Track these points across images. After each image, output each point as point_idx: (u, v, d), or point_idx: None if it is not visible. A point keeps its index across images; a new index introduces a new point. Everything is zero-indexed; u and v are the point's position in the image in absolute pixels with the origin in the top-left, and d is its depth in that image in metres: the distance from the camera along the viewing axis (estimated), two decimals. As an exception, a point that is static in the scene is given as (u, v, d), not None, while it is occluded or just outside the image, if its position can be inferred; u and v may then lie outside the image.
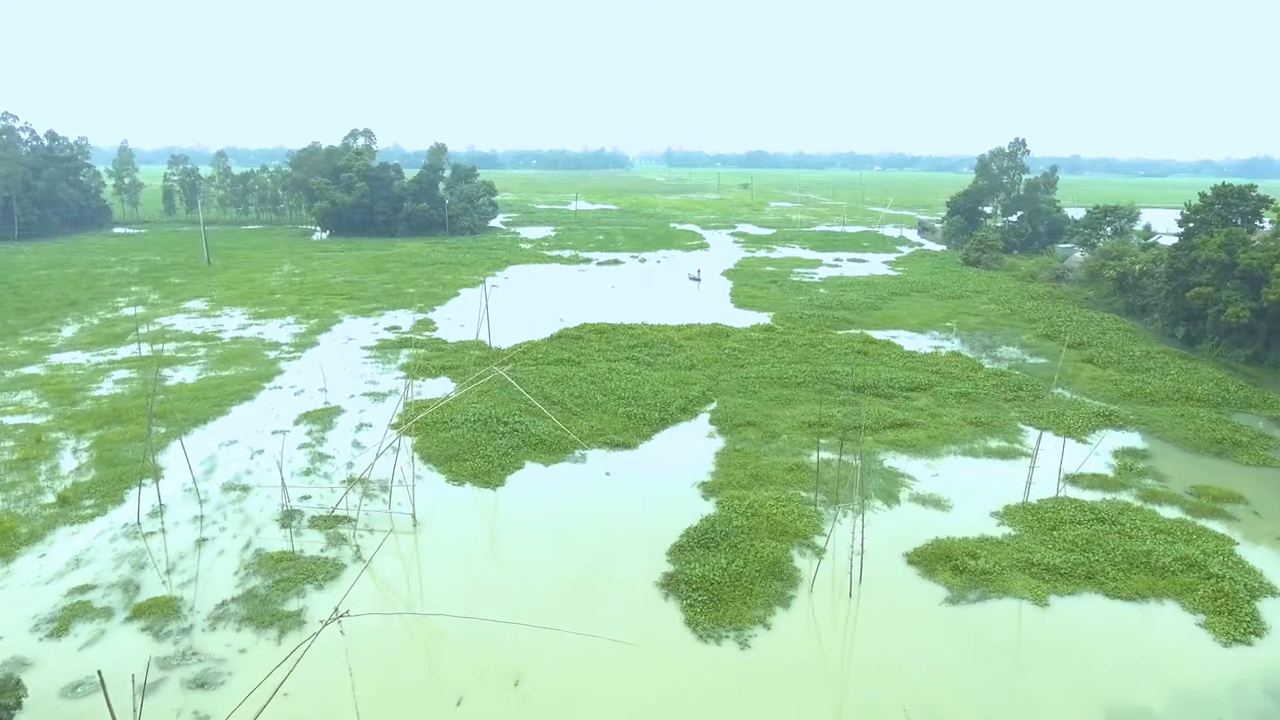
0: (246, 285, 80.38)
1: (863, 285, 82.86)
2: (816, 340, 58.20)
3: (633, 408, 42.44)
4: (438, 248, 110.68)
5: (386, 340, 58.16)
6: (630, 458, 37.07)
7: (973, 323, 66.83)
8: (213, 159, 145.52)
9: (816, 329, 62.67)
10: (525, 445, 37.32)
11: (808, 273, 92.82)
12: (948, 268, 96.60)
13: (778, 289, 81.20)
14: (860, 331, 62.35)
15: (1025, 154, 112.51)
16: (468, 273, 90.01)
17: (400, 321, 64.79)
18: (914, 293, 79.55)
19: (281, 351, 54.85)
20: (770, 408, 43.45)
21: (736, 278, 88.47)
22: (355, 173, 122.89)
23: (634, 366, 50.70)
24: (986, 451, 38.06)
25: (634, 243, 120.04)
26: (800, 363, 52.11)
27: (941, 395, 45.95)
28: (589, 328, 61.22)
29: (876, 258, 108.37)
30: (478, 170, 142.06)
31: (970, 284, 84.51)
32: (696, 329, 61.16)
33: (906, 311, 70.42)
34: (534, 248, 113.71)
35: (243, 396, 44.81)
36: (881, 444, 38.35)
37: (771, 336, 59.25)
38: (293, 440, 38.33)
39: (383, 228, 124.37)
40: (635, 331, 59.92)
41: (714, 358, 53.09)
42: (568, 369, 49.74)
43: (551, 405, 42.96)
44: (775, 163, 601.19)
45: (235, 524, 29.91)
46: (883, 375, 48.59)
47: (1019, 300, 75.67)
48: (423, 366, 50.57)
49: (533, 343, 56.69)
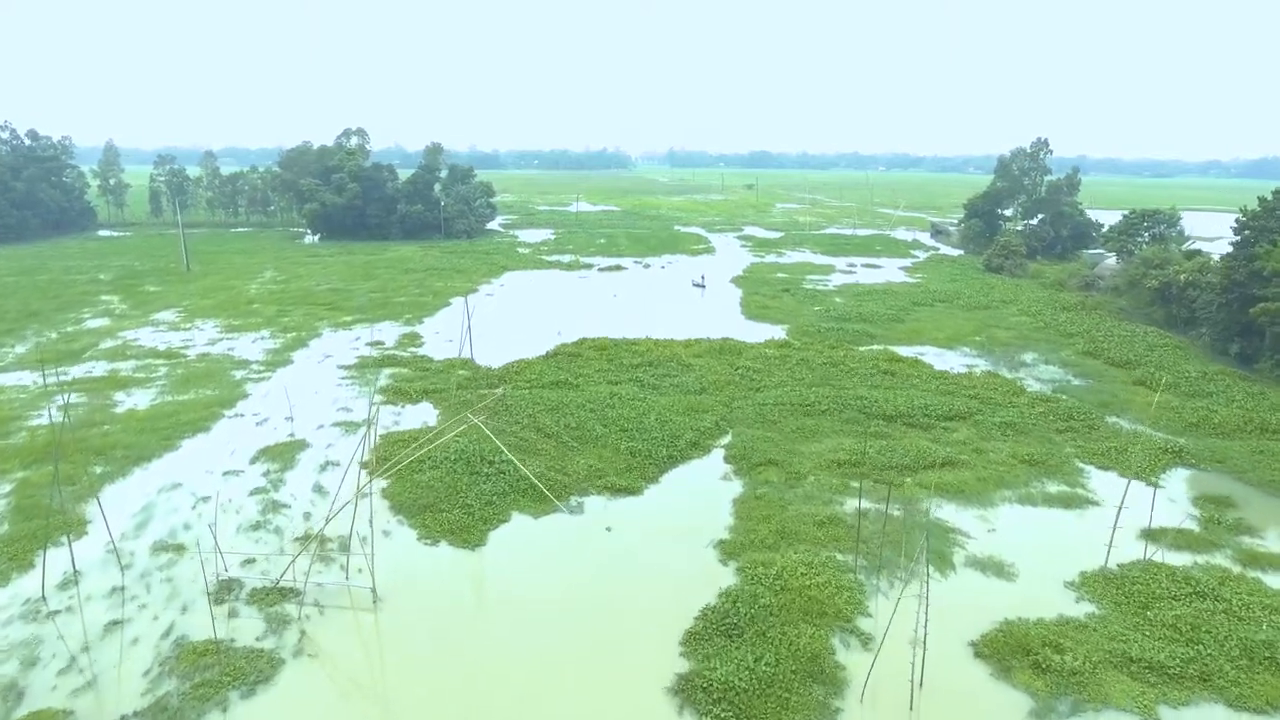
0: (224, 294, 75.41)
1: (881, 294, 77.73)
2: (837, 358, 53.10)
3: (637, 442, 37.37)
4: (431, 252, 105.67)
5: (367, 358, 53.12)
6: (634, 506, 32.00)
7: (1004, 337, 61.67)
8: (201, 159, 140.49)
9: (836, 344, 57.57)
10: (513, 491, 32.27)
11: (821, 280, 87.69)
12: (969, 275, 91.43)
13: (791, 298, 76.08)
14: (884, 347, 57.23)
15: (1048, 154, 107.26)
16: (461, 280, 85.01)
17: (384, 335, 59.75)
18: (936, 303, 74.40)
19: (250, 371, 49.83)
20: (792, 441, 38.36)
21: (746, 285, 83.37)
22: (347, 173, 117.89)
23: (638, 390, 45.63)
24: (1046, 498, 32.93)
25: (637, 246, 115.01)
26: (821, 385, 47.02)
27: (984, 425, 40.83)
28: (589, 344, 56.18)
29: (892, 263, 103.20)
30: (475, 171, 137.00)
31: (996, 293, 79.35)
32: (706, 345, 56.09)
33: (931, 324, 65.27)
34: (532, 252, 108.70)
35: (197, 427, 39.76)
36: (923, 488, 33.24)
37: (788, 354, 54.15)
38: (245, 483, 33.30)
39: (375, 231, 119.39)
40: (639, 348, 54.87)
41: (726, 379, 48.02)
42: (564, 393, 44.67)
43: (545, 439, 37.91)
44: (779, 163, 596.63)
45: (160, 598, 24.86)
46: (915, 401, 43.48)
47: (1050, 311, 70.49)
48: (402, 390, 45.52)
49: (526, 362, 51.64)
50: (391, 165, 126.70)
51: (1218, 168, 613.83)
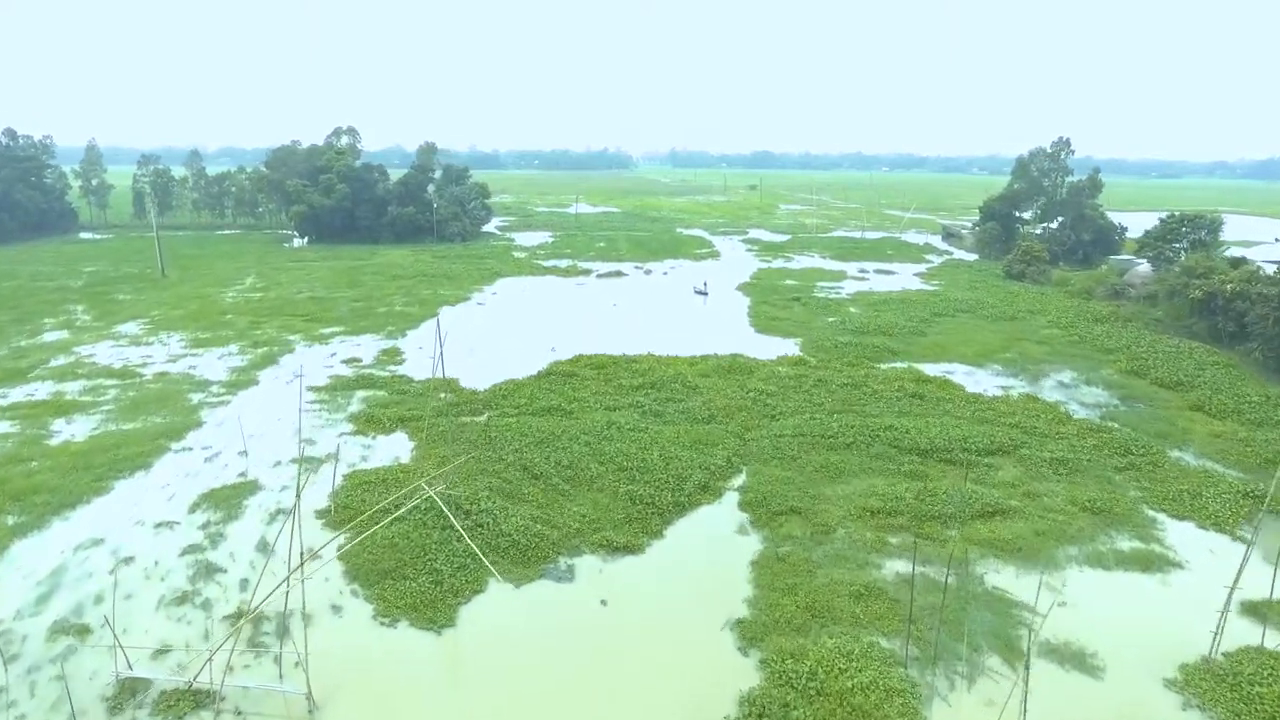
0: (197, 303, 70.57)
1: (899, 303, 72.80)
2: (858, 378, 48.19)
3: (638, 485, 32.50)
4: (422, 256, 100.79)
5: (340, 378, 48.24)
6: (634, 569, 27.13)
7: (1037, 353, 56.75)
8: (186, 158, 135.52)
9: (855, 361, 52.69)
10: (491, 549, 27.41)
11: (833, 287, 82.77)
12: (989, 282, 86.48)
13: (802, 308, 71.16)
14: (908, 365, 52.33)
15: (1069, 154, 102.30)
16: (451, 287, 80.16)
17: (363, 351, 54.89)
18: (959, 313, 69.47)
19: (209, 394, 44.97)
20: (816, 482, 33.48)
21: (754, 293, 78.47)
22: (335, 174, 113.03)
23: (639, 418, 40.74)
24: (1119, 558, 28.03)
25: (638, 250, 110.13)
26: (844, 411, 42.13)
27: (1032, 462, 35.93)
28: (585, 361, 51.32)
29: (905, 269, 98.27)
30: (470, 171, 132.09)
31: (1020, 302, 74.41)
32: (713, 362, 51.22)
33: (956, 337, 60.36)
34: (529, 256, 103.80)
35: (137, 463, 34.91)
36: (973, 545, 28.39)
37: (804, 373, 49.26)
38: (178, 539, 28.47)
39: (365, 234, 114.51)
40: (640, 366, 50.00)
41: (737, 403, 43.13)
42: (557, 421, 39.79)
43: (532, 480, 33.04)
44: (781, 163, 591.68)
45: (43, 706, 20.03)
46: (951, 432, 38.56)
47: (1083, 323, 65.55)
48: (374, 418, 40.65)
49: (516, 383, 46.76)
50: (382, 165, 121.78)
51: (1224, 168, 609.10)
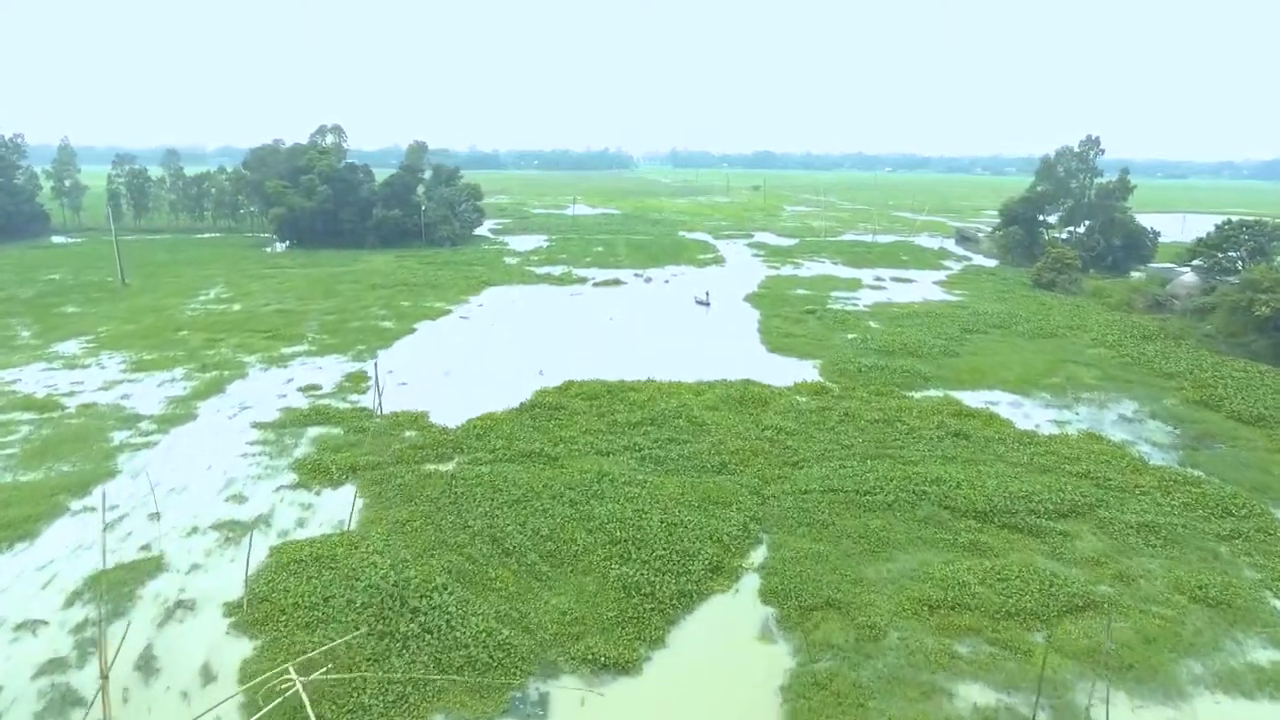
0: (153, 317, 64.18)
1: (923, 317, 66.36)
2: (889, 411, 41.80)
3: (633, 565, 26.12)
4: (407, 262, 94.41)
5: (292, 411, 41.80)
6: (626, 699, 20.75)
7: (1087, 378, 50.34)
8: (163, 158, 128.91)
9: (883, 389, 46.29)
10: (440, 664, 21.05)
11: (849, 298, 76.34)
12: (1017, 292, 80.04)
13: (818, 323, 64.72)
14: (944, 394, 45.93)
15: (1099, 154, 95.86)
16: (435, 297, 73.80)
17: (325, 376, 48.51)
18: (990, 328, 63.01)
19: (136, 432, 38.58)
20: (855, 559, 27.10)
21: (764, 305, 72.04)
22: (317, 175, 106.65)
23: (636, 465, 34.36)
24: (1258, 676, 21.64)
25: (638, 255, 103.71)
26: (878, 456, 35.75)
27: (1114, 527, 29.55)
28: (576, 389, 44.95)
29: (924, 276, 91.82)
30: (461, 171, 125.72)
31: (1056, 316, 67.99)
32: (722, 390, 44.83)
33: (993, 359, 53.94)
34: (521, 262, 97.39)
35: (21, 530, 28.52)
36: (1065, 657, 22.00)
37: (827, 405, 42.86)
38: (37, 651, 22.11)
39: (349, 238, 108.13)
40: (639, 396, 43.60)
41: (751, 446, 36.74)
42: (539, 471, 33.40)
43: (503, 558, 26.67)
44: (783, 163, 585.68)
45: None
46: (1010, 485, 32.16)
47: (1131, 341, 59.10)
48: (320, 465, 34.24)
49: (495, 417, 40.34)
50: (368, 166, 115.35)
51: (1230, 169, 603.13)
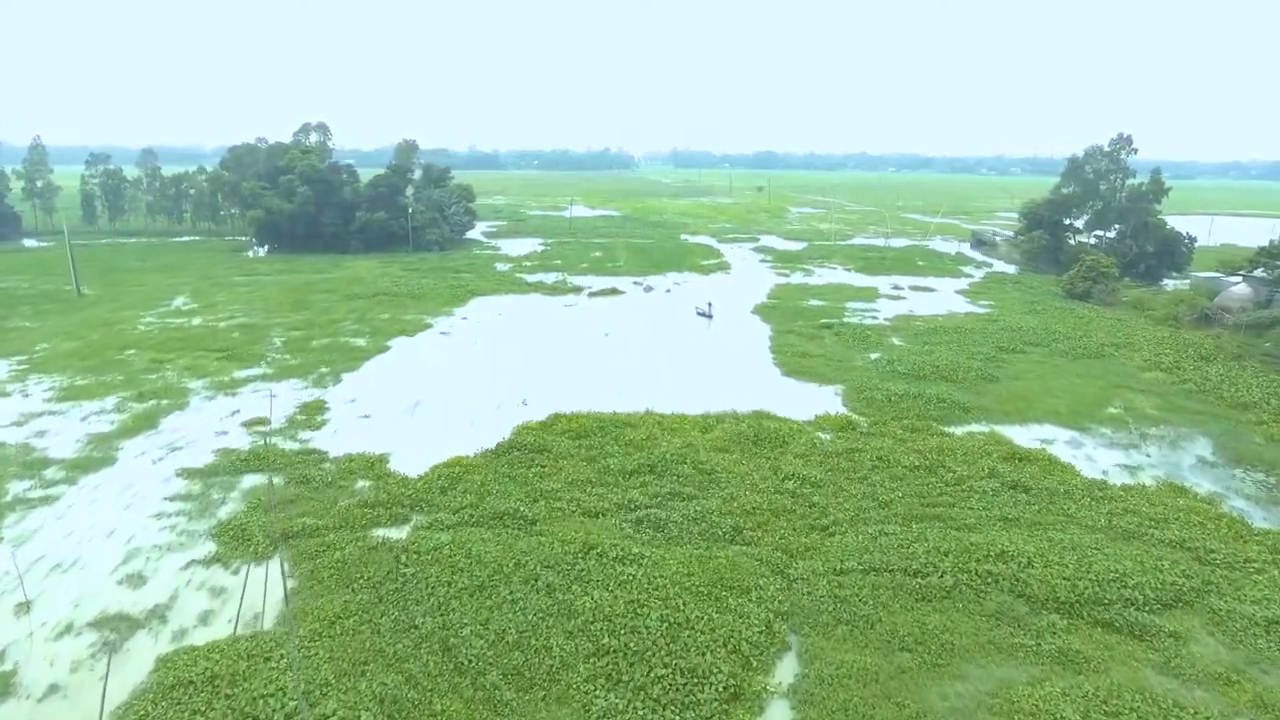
0: (101, 332, 58.09)
1: (951, 333, 60.14)
2: (929, 453, 35.64)
3: (623, 694, 19.98)
4: (391, 268, 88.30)
5: (229, 453, 35.64)
6: None
7: (1148, 409, 44.12)
8: (138, 157, 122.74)
9: (918, 423, 40.11)
10: None
11: (867, 310, 70.14)
12: (1048, 303, 73.82)
13: (835, 339, 58.53)
14: (990, 430, 39.76)
15: (1131, 153, 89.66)
16: (416, 308, 67.68)
17: (278, 406, 42.37)
18: (1028, 346, 56.79)
19: (37, 482, 32.44)
20: (913, 679, 20.94)
21: (774, 318, 65.82)
22: (297, 175, 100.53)
23: (631, 532, 28.21)
24: None
25: (638, 261, 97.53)
26: (923, 517, 29.61)
27: (1234, 623, 23.38)
28: (563, 424, 38.80)
29: (944, 284, 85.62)
30: (452, 172, 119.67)
31: (1097, 331, 61.78)
32: (732, 427, 38.65)
33: (1037, 384, 47.74)
34: (513, 269, 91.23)
35: None
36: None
37: (855, 445, 36.67)
38: None
39: (332, 242, 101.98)
40: (635, 433, 37.45)
41: (771, 502, 30.61)
42: (510, 540, 27.26)
43: (454, 678, 20.53)
44: (785, 163, 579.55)
45: None
46: (1093, 562, 25.96)
47: (1190, 363, 52.88)
48: (245, 532, 28.05)
49: (465, 463, 34.18)
50: (352, 165, 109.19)
51: (1237, 169, 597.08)
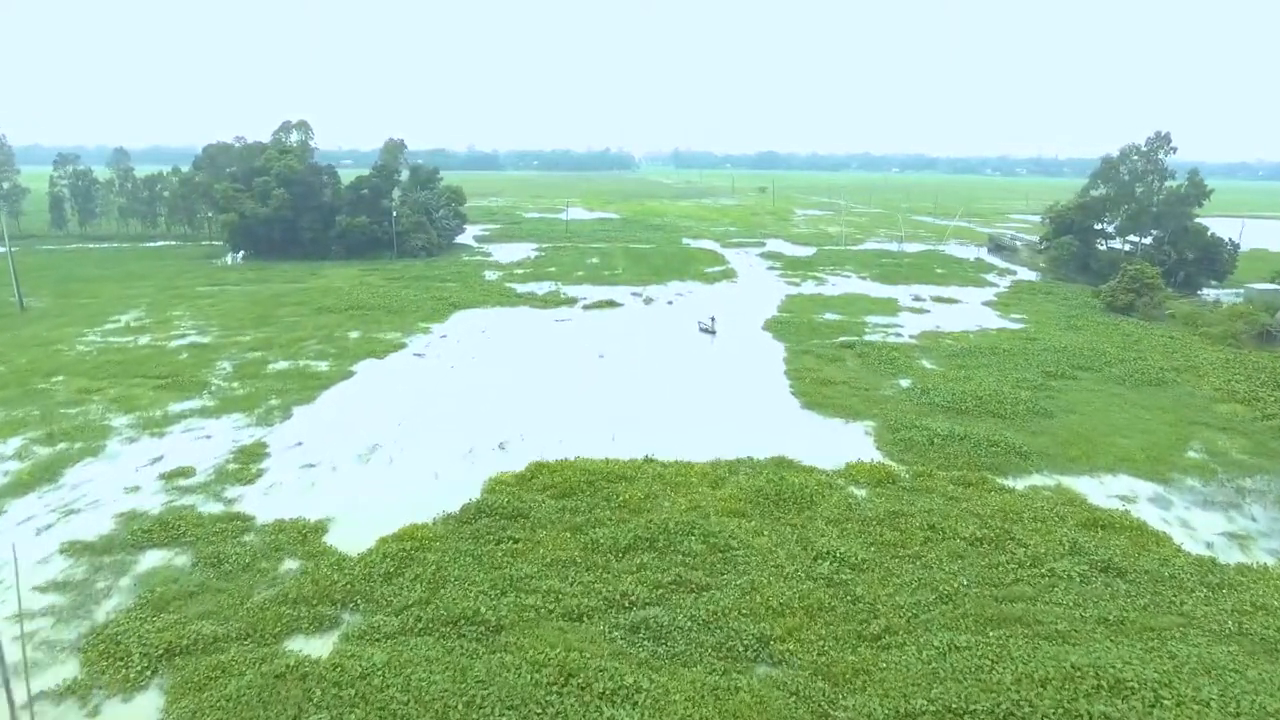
0: (32, 354, 51.61)
1: (988, 354, 53.57)
2: (990, 518, 29.06)
3: None
4: (370, 277, 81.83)
5: (135, 518, 29.05)
6: None
7: (1235, 452, 37.48)
8: (110, 158, 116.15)
9: (970, 473, 33.51)
10: None
11: (889, 325, 63.57)
12: (1087, 317, 67.21)
13: (858, 361, 51.97)
14: (1055, 481, 33.20)
15: (1170, 153, 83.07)
16: (390, 324, 61.17)
17: (209, 450, 35.84)
18: (1077, 371, 50.17)
19: (-120, 563, 25.94)
20: None
21: (788, 335, 59.24)
22: (273, 177, 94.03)
23: (625, 646, 21.61)
24: None
25: (637, 268, 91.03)
26: (1002, 621, 22.99)
27: None
28: (545, 476, 32.27)
29: (969, 295, 79.06)
30: (441, 173, 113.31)
31: (1149, 352, 55.21)
32: (747, 480, 32.11)
33: (1099, 420, 41.11)
34: (503, 277, 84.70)
35: None
36: None
37: (898, 506, 30.10)
38: None
39: (311, 248, 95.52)
40: (631, 491, 30.89)
41: (802, 595, 24.04)
42: (464, 661, 20.66)
43: None
44: (787, 164, 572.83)
45: None
46: (1239, 697, 19.44)
47: (1265, 390, 46.16)
48: (119, 646, 21.49)
49: (419, 535, 27.57)
50: (332, 167, 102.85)
51: (1245, 169, 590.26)
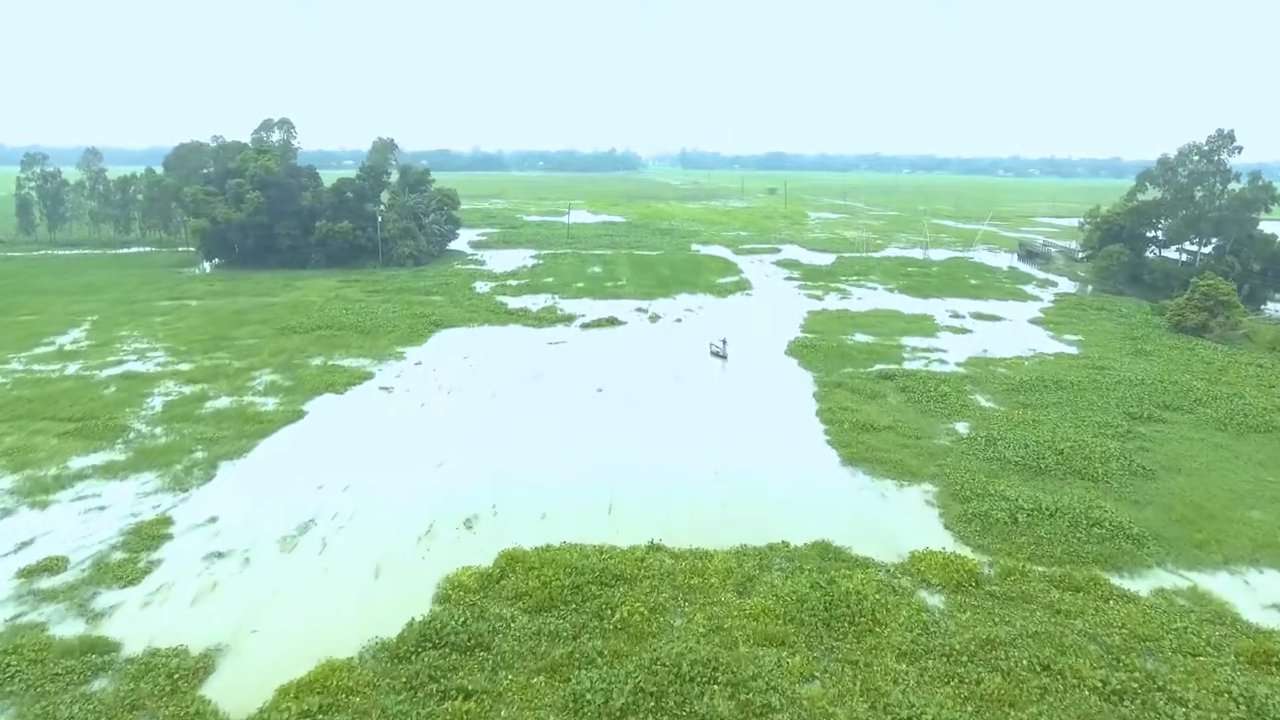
0: (-65, 387, 44.31)
1: (1052, 388, 45.63)
2: (1118, 648, 21.39)
3: None
4: (348, 290, 74.36)
5: (-43, 647, 21.57)
6: None
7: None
8: (81, 158, 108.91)
9: (1073, 568, 25.73)
10: None
11: (930, 349, 55.67)
12: (1153, 338, 59.18)
13: (903, 398, 44.06)
14: (1185, 579, 25.41)
15: (1234, 153, 75.07)
16: (360, 348, 53.63)
17: (96, 527, 28.31)
18: (1166, 411, 42.13)
19: None
20: None
21: (816, 362, 51.42)
22: (249, 179, 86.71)
23: None
24: None
25: (642, 280, 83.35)
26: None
27: None
28: (519, 575, 24.63)
29: (1011, 310, 71.11)
30: (432, 174, 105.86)
31: (1241, 383, 47.22)
32: (783, 580, 24.41)
33: (1213, 480, 33.17)
34: (495, 289, 77.10)
35: None
36: None
37: (992, 632, 22.31)
38: None
39: (288, 256, 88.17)
40: (631, 599, 23.24)
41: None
42: None
43: None
44: (796, 164, 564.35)
45: None
46: None
47: (1403, 441, 38.26)
48: None
49: (334, 682, 19.90)
50: (313, 168, 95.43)
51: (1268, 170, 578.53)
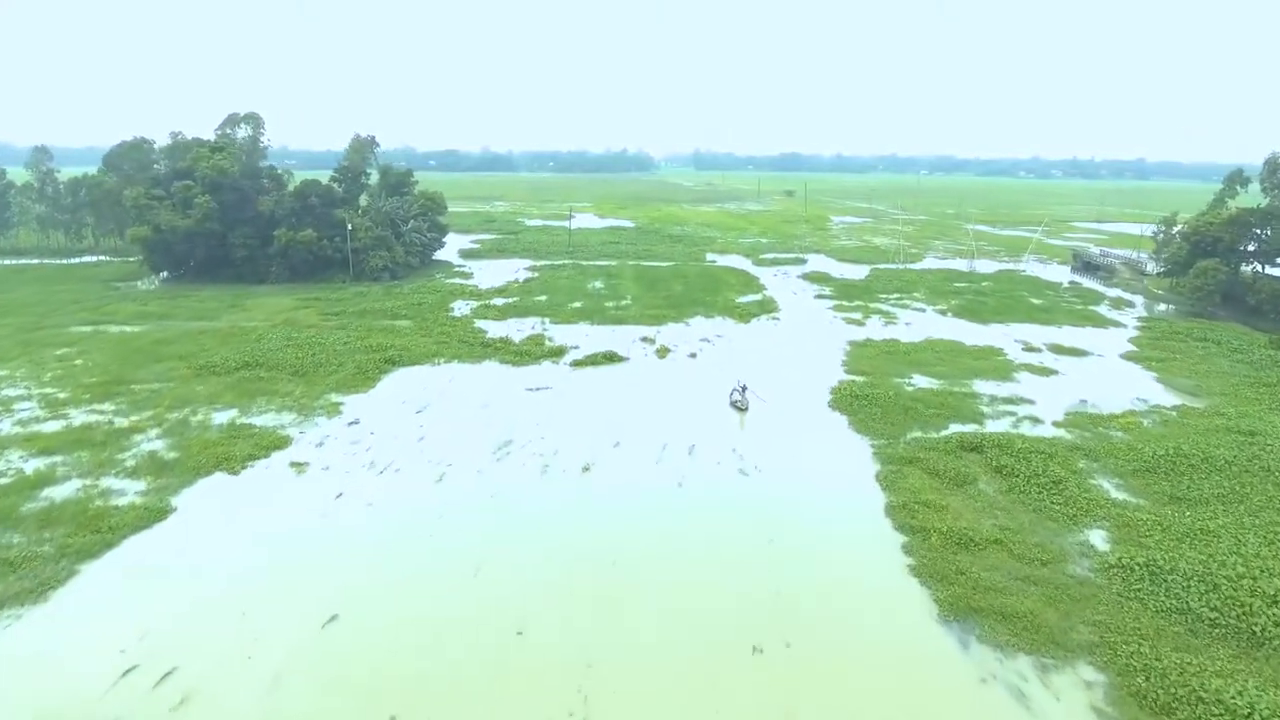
0: None
1: (1201, 469, 33.52)
2: None
3: None
4: (303, 312, 63.07)
5: None
6: None
7: None
8: (29, 158, 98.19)
9: None
10: None
11: (1014, 401, 43.62)
12: None
13: (1002, 486, 32.12)
14: None
15: (1361, 150, 62.51)
16: (287, 399, 42.21)
17: None
18: (1373, 509, 30.18)
19: None
20: None
21: (871, 423, 39.43)
22: (198, 181, 75.67)
23: None
24: None
25: (650, 297, 71.70)
26: None
27: None
28: None
29: (1093, 340, 58.93)
30: (415, 175, 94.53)
31: None
32: None
33: None
34: (476, 311, 65.53)
35: None
36: None
37: None
38: None
39: (245, 268, 77.08)
40: None
41: None
42: None
43: None
44: (811, 165, 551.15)
45: None
46: None
47: None
48: None
49: None
50: (274, 168, 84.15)
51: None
